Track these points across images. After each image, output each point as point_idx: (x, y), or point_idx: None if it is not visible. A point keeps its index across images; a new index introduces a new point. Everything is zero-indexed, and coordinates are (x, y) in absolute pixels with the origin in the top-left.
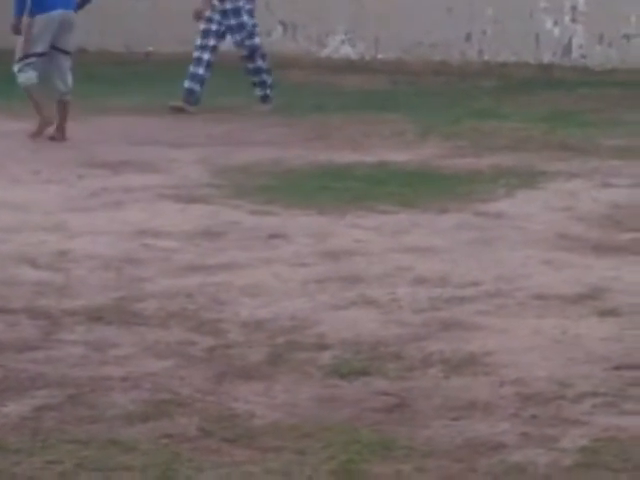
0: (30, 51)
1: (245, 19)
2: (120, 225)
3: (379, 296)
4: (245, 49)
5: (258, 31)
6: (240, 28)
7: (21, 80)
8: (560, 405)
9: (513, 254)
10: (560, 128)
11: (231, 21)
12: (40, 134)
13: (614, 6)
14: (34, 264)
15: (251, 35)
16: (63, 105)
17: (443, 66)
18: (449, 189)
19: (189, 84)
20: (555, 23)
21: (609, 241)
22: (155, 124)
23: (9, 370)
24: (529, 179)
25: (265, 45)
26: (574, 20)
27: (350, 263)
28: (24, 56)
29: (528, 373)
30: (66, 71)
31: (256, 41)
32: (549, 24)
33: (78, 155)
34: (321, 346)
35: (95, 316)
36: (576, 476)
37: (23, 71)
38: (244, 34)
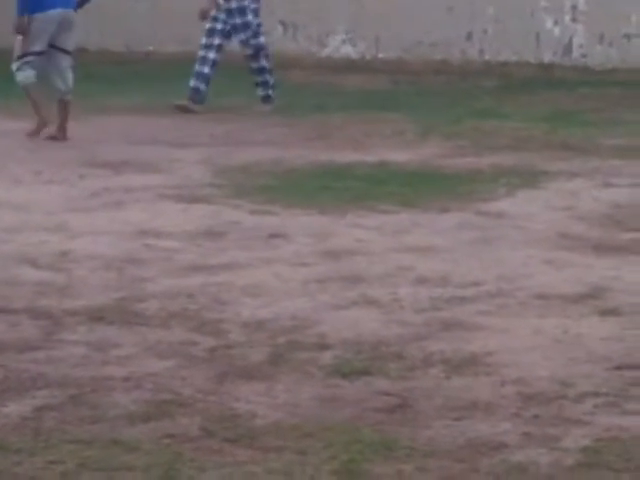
0: (28, 50)
1: (250, 18)
2: (121, 225)
3: (380, 296)
4: (250, 48)
5: (263, 30)
6: (245, 27)
7: (20, 79)
8: (562, 405)
9: (514, 254)
10: (561, 128)
11: (236, 20)
12: (37, 134)
13: (614, 6)
14: (35, 264)
15: (256, 34)
16: (64, 105)
17: (444, 65)
18: (450, 189)
19: (194, 83)
20: (556, 22)
21: (610, 241)
22: (156, 124)
23: (10, 370)
24: (530, 179)
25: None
26: (574, 20)
27: (351, 263)
28: (22, 55)
29: (529, 373)
30: (65, 70)
31: (261, 40)
32: (550, 23)
33: (79, 155)
34: (322, 346)
35: (96, 316)
36: (578, 476)
37: (22, 70)
38: (249, 33)
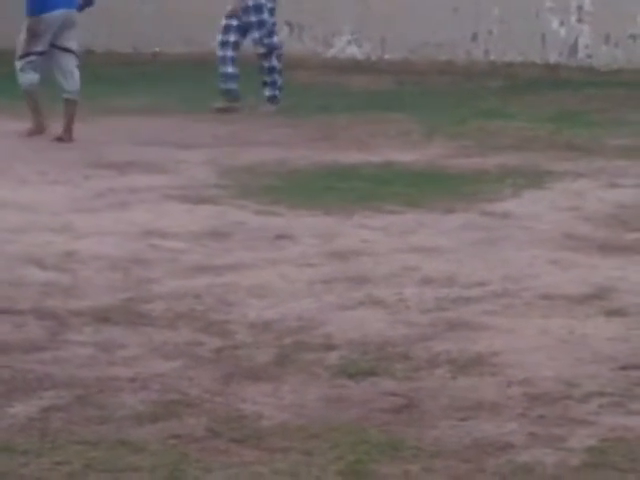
0: (31, 49)
1: (266, 16)
2: (127, 226)
3: (386, 296)
4: (263, 47)
5: (277, 30)
6: (260, 25)
7: (22, 81)
8: (567, 405)
9: (519, 254)
10: (566, 128)
11: (252, 18)
12: (32, 136)
13: (620, 6)
14: (41, 265)
15: (270, 33)
16: (70, 105)
17: (449, 66)
18: (455, 189)
19: (224, 85)
20: (561, 23)
21: (615, 241)
22: (161, 125)
23: (16, 371)
24: (535, 179)
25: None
26: (580, 20)
27: (357, 263)
28: (25, 54)
29: (535, 373)
30: (68, 69)
31: (274, 40)
32: (555, 24)
33: (84, 156)
34: (328, 346)
35: (102, 317)
36: (584, 476)
37: (25, 71)
38: (264, 32)
